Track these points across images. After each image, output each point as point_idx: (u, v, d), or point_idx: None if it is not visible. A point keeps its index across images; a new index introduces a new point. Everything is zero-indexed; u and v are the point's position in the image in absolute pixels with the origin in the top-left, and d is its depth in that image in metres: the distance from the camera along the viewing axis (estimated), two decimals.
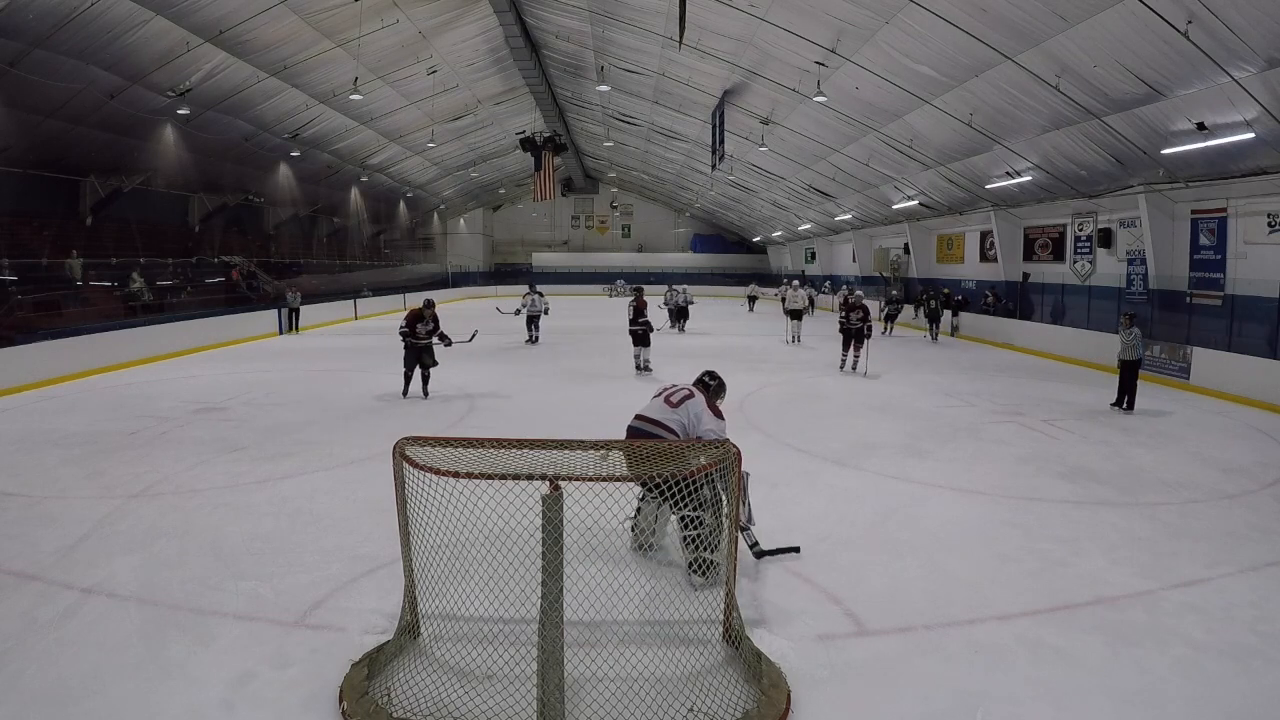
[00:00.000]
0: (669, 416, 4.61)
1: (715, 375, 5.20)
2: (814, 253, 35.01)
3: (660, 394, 4.88)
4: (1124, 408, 9.83)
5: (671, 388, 4.92)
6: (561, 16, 18.95)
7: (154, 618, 4.00)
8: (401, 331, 10.47)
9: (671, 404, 4.69)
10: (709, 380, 5.09)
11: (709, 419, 4.65)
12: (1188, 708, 3.29)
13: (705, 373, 5.24)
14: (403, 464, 3.39)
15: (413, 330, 10.36)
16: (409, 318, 10.46)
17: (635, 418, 4.78)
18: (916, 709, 3.27)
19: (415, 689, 3.28)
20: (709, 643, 3.72)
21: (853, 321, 13.06)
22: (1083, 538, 5.29)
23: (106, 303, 16.53)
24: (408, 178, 32.45)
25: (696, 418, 4.62)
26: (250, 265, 23.31)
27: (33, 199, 16.78)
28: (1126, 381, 9.83)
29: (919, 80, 14.13)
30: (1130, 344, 9.70)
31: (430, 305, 10.66)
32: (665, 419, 4.60)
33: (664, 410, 4.67)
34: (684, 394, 4.76)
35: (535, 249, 45.37)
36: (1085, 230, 16.74)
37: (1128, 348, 9.72)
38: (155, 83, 15.80)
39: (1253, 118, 10.25)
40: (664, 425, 4.56)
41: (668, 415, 4.62)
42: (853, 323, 13.06)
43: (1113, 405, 10.03)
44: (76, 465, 6.98)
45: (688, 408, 4.66)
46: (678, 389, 4.84)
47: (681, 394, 4.76)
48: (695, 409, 4.66)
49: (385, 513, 4.63)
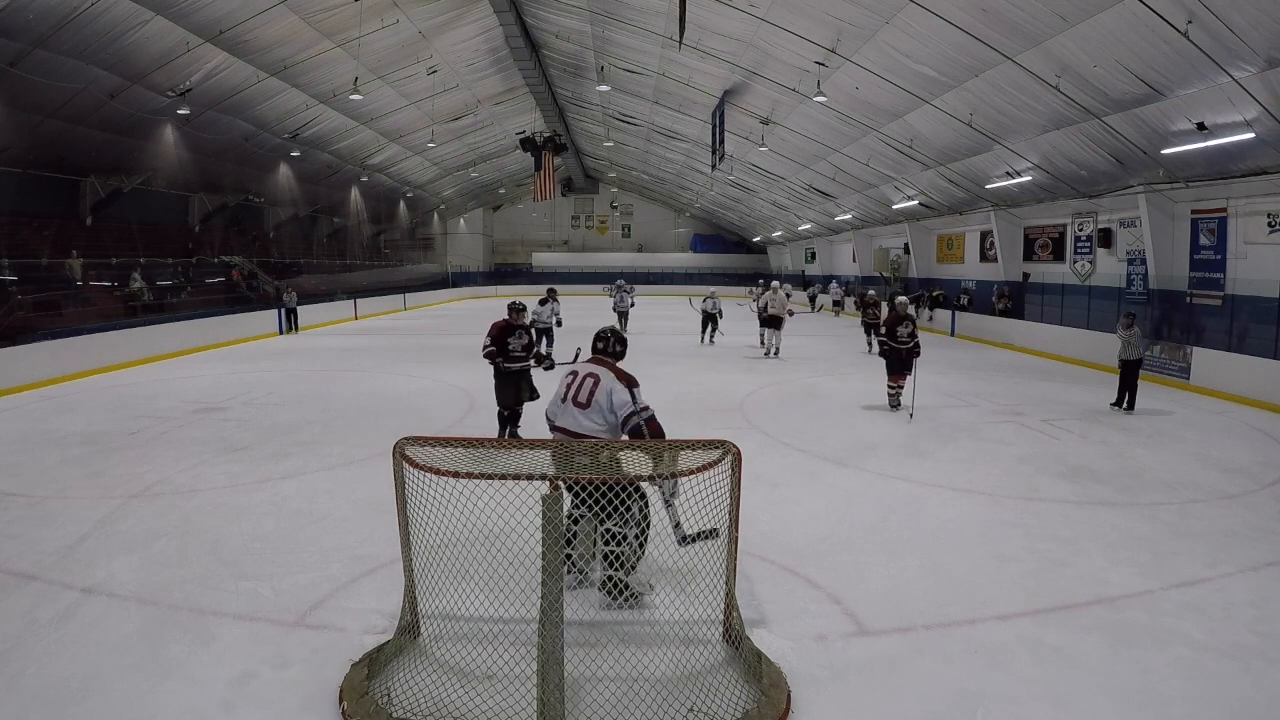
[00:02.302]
0: (586, 424, 3.98)
1: (606, 334, 4.39)
2: (814, 253, 35.02)
3: (565, 394, 4.11)
4: (1124, 408, 9.83)
5: (571, 378, 4.15)
6: (561, 16, 18.95)
7: (154, 618, 4.00)
8: (488, 353, 7.40)
9: (581, 403, 4.01)
10: (604, 346, 4.33)
11: (620, 392, 3.97)
12: (1188, 708, 3.29)
13: (595, 338, 4.42)
14: (403, 464, 3.39)
15: (504, 348, 7.42)
16: (496, 332, 7.43)
17: (553, 429, 4.13)
18: (916, 709, 3.27)
19: (415, 689, 3.28)
20: (709, 643, 3.71)
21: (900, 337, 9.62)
22: (1083, 538, 5.29)
23: (106, 303, 16.54)
24: (408, 178, 32.46)
25: (610, 401, 3.96)
26: (250, 265, 23.32)
27: (33, 199, 16.78)
28: (1128, 381, 9.84)
29: (919, 80, 14.13)
30: (1131, 343, 9.70)
31: (522, 310, 7.69)
32: (585, 429, 3.97)
33: (577, 415, 4.00)
34: (589, 385, 4.03)
35: (535, 249, 45.39)
36: (1085, 230, 16.74)
37: (1129, 347, 9.72)
38: (155, 83, 15.81)
39: (1253, 118, 10.25)
40: (583, 436, 3.92)
41: (585, 423, 3.98)
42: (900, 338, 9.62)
43: (1113, 405, 10.03)
44: (76, 465, 6.98)
45: (599, 394, 3.98)
46: (579, 382, 4.08)
47: (588, 386, 4.03)
48: (607, 387, 3.99)
49: (385, 513, 4.63)
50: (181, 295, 19.28)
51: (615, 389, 3.99)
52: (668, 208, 45.12)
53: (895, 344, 9.64)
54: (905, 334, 9.61)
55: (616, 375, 4.08)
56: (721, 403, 10.15)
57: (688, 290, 39.65)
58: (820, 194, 25.68)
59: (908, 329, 9.64)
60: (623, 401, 3.97)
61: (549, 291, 14.39)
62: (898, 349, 9.63)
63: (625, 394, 3.99)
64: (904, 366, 9.59)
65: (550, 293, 14.30)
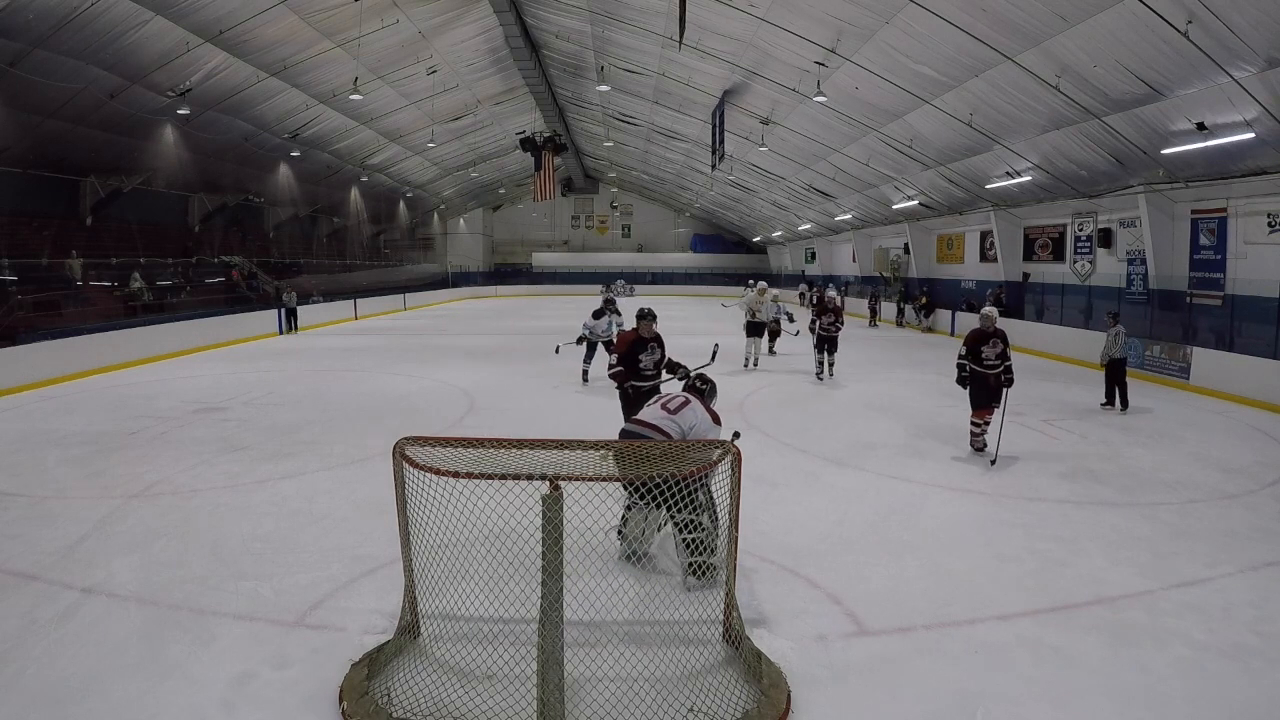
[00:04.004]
0: (666, 422, 4.53)
1: (705, 378, 5.09)
2: (814, 253, 35.01)
3: (656, 401, 4.83)
4: (1116, 406, 9.87)
5: (667, 395, 4.88)
6: (561, 16, 18.95)
7: (154, 618, 4.00)
8: (616, 374, 6.61)
9: (669, 410, 4.61)
10: (700, 385, 4.98)
11: (706, 424, 4.61)
12: (1188, 708, 3.29)
13: (695, 376, 5.16)
14: (403, 464, 3.39)
15: (633, 366, 6.55)
16: (625, 348, 6.62)
17: (631, 420, 4.73)
18: (916, 709, 3.27)
19: (415, 689, 3.28)
20: (709, 643, 3.71)
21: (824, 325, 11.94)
22: (1083, 538, 5.29)
23: (106, 303, 16.53)
24: (408, 178, 32.45)
25: (695, 424, 4.55)
26: (250, 265, 23.31)
27: (33, 199, 16.78)
28: (1119, 380, 9.89)
29: (919, 80, 14.13)
30: (1118, 342, 9.77)
31: (653, 318, 6.80)
32: (662, 424, 4.52)
33: (662, 415, 4.58)
34: (681, 401, 4.69)
35: (535, 249, 45.40)
36: (1085, 230, 16.74)
37: (1117, 346, 9.79)
38: (155, 83, 15.80)
39: (1253, 118, 10.25)
40: (660, 430, 4.47)
41: (665, 420, 4.54)
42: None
43: (1103, 405, 10.03)
44: (76, 465, 6.98)
45: (685, 414, 4.58)
46: (674, 396, 4.79)
47: (679, 401, 4.70)
48: (695, 415, 4.60)
49: (385, 513, 4.63)
50: (181, 295, 19.28)
51: (703, 420, 4.63)
52: (668, 208, 45.12)
53: (980, 368, 7.55)
54: (992, 355, 7.48)
55: (705, 408, 4.74)
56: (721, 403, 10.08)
57: (687, 290, 39.76)
58: (820, 194, 25.67)
59: (996, 349, 7.49)
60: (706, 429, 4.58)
61: (605, 301, 12.18)
62: (983, 374, 7.52)
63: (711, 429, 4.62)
64: (991, 397, 7.52)
65: (608, 303, 12.09)
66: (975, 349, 7.54)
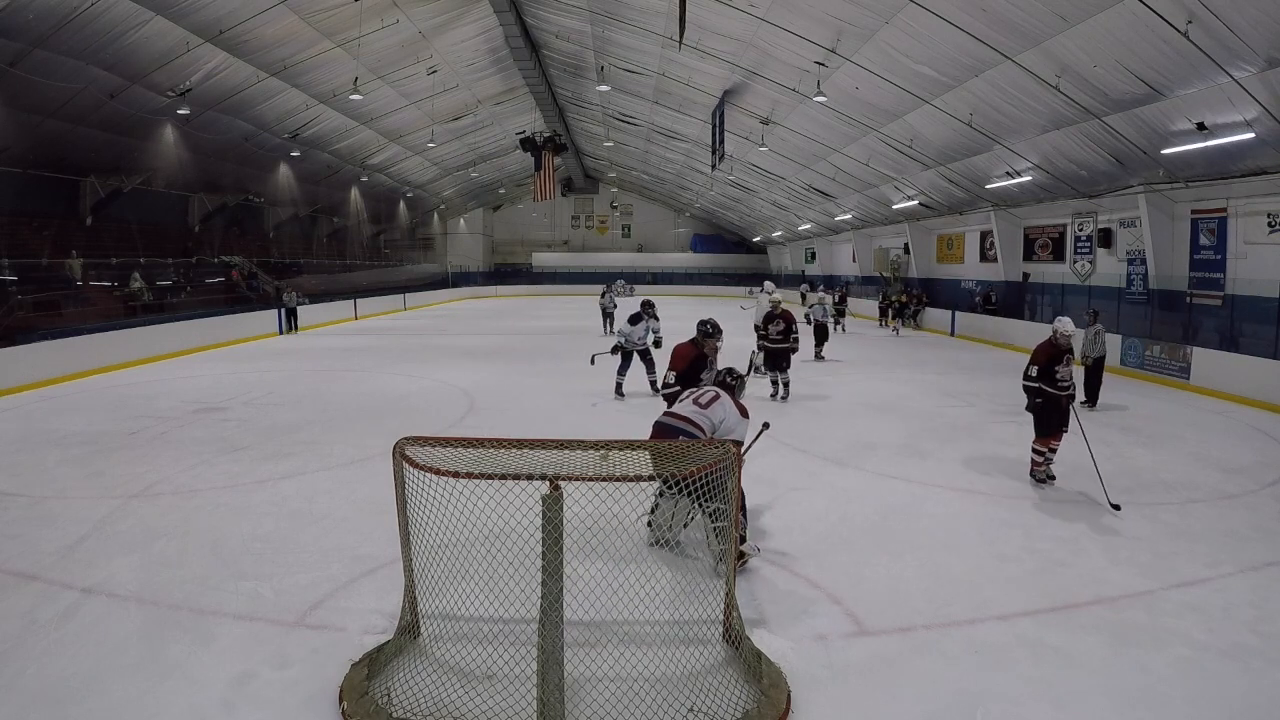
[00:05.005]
0: (699, 415, 4.72)
1: (734, 373, 5.24)
2: (814, 253, 35.01)
3: (688, 396, 5.02)
4: (1089, 404, 9.92)
5: (699, 390, 5.09)
6: (561, 16, 18.95)
7: (154, 618, 4.00)
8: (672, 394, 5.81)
9: (701, 405, 4.81)
10: (730, 380, 5.15)
11: (735, 419, 4.80)
12: (1188, 708, 3.29)
13: (724, 370, 5.30)
14: (403, 464, 3.39)
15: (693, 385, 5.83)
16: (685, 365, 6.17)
17: (664, 414, 4.92)
18: (916, 709, 3.27)
19: (415, 689, 3.28)
20: (709, 643, 3.71)
21: (772, 336, 10.23)
22: (1083, 538, 5.29)
23: (106, 303, 16.54)
24: (408, 178, 32.45)
25: (724, 418, 4.75)
26: (250, 265, 23.30)
27: (33, 199, 16.78)
28: (1099, 378, 10.01)
29: (919, 80, 14.12)
30: (1098, 340, 9.92)
31: (719, 335, 6.33)
32: (694, 417, 4.71)
33: (694, 410, 4.78)
34: (711, 395, 4.90)
35: (535, 249, 45.39)
36: (1085, 230, 16.74)
37: (1097, 344, 9.92)
38: (155, 83, 15.80)
39: (1253, 118, 10.25)
40: (693, 423, 4.66)
41: (697, 414, 4.74)
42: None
43: (1083, 403, 10.06)
44: (76, 465, 6.98)
45: (716, 408, 4.78)
46: (705, 391, 5.00)
47: (709, 395, 4.90)
48: (724, 409, 4.80)
49: (385, 513, 4.63)
50: (181, 295, 19.28)
51: (732, 414, 4.80)
52: (668, 208, 45.11)
53: (1054, 389, 6.44)
54: (1067, 375, 6.49)
55: (734, 403, 4.90)
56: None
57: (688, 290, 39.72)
58: (820, 194, 25.67)
59: (1069, 366, 6.53)
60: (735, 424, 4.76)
61: (644, 305, 11.15)
62: (1056, 397, 6.44)
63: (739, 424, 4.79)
64: (1063, 420, 6.53)
65: (645, 306, 11.10)
66: (1050, 371, 6.40)
